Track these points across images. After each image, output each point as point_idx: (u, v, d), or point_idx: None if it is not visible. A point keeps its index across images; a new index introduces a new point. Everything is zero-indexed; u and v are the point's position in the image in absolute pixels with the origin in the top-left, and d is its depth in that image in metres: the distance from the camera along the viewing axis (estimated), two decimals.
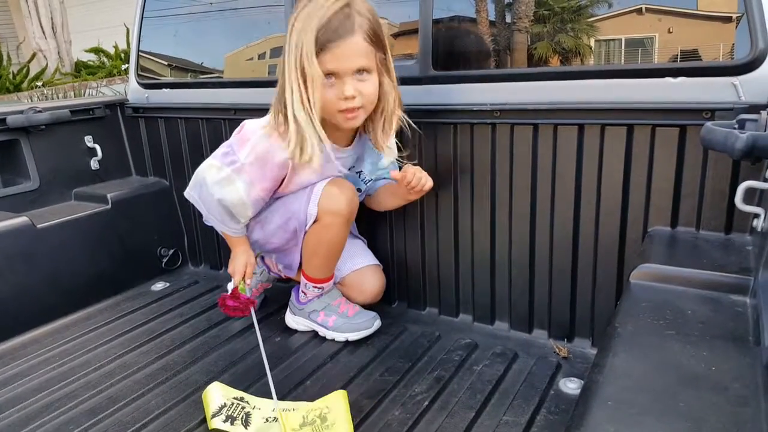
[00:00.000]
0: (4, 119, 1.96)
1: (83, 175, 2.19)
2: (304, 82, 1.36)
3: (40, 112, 2.02)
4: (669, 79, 1.32)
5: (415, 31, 1.64)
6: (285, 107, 1.40)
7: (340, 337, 1.65)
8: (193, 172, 1.51)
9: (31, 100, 5.90)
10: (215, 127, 2.06)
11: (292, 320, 1.74)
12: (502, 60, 1.57)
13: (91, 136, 2.21)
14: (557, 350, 1.55)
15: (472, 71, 1.59)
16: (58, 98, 5.75)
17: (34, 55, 8.27)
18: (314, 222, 1.54)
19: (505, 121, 1.53)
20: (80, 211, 2.01)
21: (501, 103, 1.53)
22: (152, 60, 2.28)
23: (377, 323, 1.68)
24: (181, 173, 2.21)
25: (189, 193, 1.59)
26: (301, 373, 1.50)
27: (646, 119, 1.36)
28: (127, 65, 2.54)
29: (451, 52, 1.63)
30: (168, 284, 2.14)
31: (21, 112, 2.00)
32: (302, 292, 1.71)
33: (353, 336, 1.64)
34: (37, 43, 8.40)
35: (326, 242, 1.58)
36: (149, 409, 1.38)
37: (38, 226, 1.86)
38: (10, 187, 2.03)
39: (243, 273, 1.64)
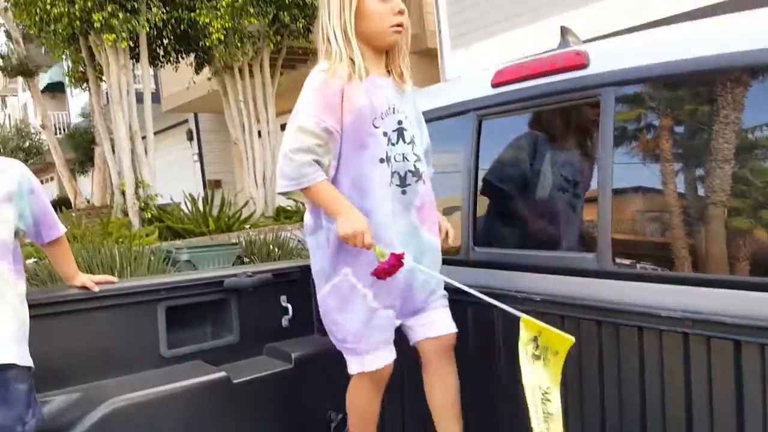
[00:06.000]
0: (222, 281, 2.27)
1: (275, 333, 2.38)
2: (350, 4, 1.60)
3: (250, 276, 2.30)
4: None
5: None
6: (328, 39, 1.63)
7: None
8: None
9: (239, 239, 6.86)
10: None
11: None
12: (693, 259, 1.47)
13: (285, 296, 2.43)
14: None
15: (659, 270, 1.51)
16: (258, 238, 6.64)
17: (247, 202, 9.65)
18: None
19: (699, 333, 1.38)
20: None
21: (693, 311, 1.39)
22: None
23: None
24: None
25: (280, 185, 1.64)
26: None
27: None
28: None
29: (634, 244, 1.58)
30: None
31: (235, 275, 2.30)
32: None
33: None
34: (250, 192, 9.84)
35: None
36: None
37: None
38: (216, 340, 2.29)
39: (363, 235, 1.53)
